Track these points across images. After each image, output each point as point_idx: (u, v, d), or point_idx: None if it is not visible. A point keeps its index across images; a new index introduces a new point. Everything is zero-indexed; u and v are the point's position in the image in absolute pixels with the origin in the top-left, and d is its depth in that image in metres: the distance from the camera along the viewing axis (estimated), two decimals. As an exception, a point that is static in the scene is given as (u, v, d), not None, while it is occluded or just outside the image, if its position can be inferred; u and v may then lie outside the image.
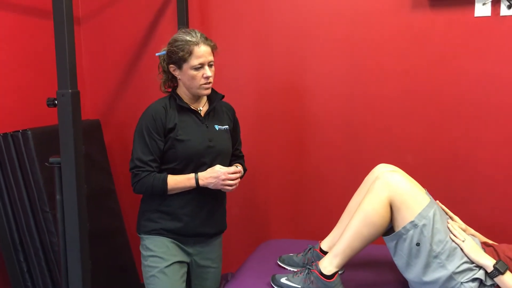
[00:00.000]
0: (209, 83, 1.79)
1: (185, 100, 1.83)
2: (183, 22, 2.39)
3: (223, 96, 1.92)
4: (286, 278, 1.73)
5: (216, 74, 1.84)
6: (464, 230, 1.71)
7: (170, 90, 1.88)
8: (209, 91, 1.81)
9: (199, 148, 1.79)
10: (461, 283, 1.55)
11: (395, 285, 1.77)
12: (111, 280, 2.45)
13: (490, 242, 1.75)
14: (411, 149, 2.31)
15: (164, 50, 1.84)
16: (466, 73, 2.21)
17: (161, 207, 1.81)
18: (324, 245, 1.88)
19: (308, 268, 1.73)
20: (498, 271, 1.52)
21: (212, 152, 1.82)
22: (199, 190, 1.78)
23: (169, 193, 1.77)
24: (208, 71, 1.76)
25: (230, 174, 1.75)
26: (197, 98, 1.86)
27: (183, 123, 1.79)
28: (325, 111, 2.41)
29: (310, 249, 1.92)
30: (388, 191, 1.62)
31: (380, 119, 2.34)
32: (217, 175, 1.74)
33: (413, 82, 2.28)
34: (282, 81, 2.45)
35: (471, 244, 1.59)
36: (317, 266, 1.71)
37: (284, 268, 1.92)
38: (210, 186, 1.76)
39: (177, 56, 1.75)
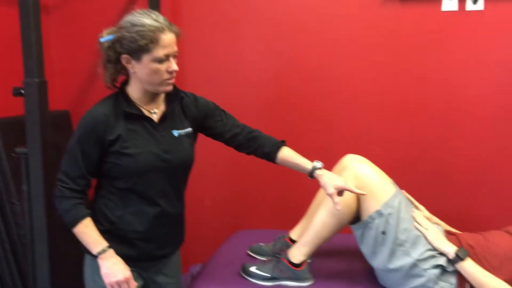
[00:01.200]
0: (174, 77, 1.49)
1: (136, 101, 1.50)
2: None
3: (182, 97, 1.59)
4: (256, 267, 1.75)
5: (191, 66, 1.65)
6: (428, 219, 1.76)
7: (118, 85, 1.54)
8: (171, 88, 1.50)
9: (152, 163, 1.47)
10: (425, 269, 1.60)
11: (362, 273, 1.81)
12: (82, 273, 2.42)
13: (453, 230, 1.81)
14: (380, 141, 2.36)
15: (110, 35, 1.46)
16: (433, 67, 2.26)
17: (112, 229, 1.51)
18: (294, 234, 1.91)
19: (277, 257, 1.76)
20: (459, 258, 1.58)
21: (169, 167, 1.51)
22: (156, 212, 1.52)
23: (74, 234, 1.47)
24: (174, 64, 1.45)
25: None
26: (153, 97, 1.52)
27: (131, 132, 1.47)
28: (296, 102, 2.43)
29: (279, 238, 1.94)
30: (355, 181, 1.65)
31: (349, 111, 2.38)
32: (115, 279, 1.43)
33: (382, 75, 2.32)
34: (257, 70, 2.45)
35: (434, 233, 1.64)
36: (286, 255, 1.74)
37: (254, 257, 1.94)
38: (102, 275, 1.45)
39: (136, 45, 1.40)
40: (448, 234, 1.73)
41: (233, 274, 1.79)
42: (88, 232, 1.46)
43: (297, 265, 1.71)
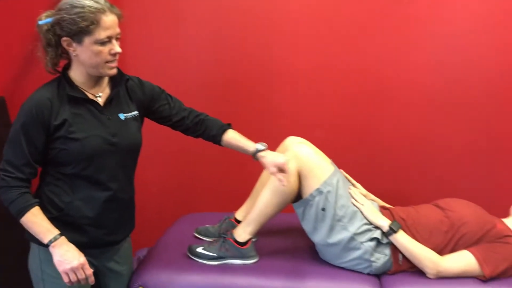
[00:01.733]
0: (116, 60, 1.47)
1: (79, 85, 1.47)
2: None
3: (127, 79, 1.59)
4: (202, 247, 1.80)
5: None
6: (365, 196, 1.87)
7: (60, 70, 1.51)
8: (115, 71, 1.48)
9: (99, 147, 1.47)
10: (361, 242, 1.70)
11: (304, 249, 1.89)
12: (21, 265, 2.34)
13: (387, 205, 1.93)
14: (321, 125, 2.46)
15: (49, 18, 1.43)
16: (366, 52, 2.37)
17: (61, 216, 1.49)
18: (239, 215, 1.97)
19: (223, 237, 1.81)
20: (392, 230, 1.70)
21: (117, 150, 1.50)
22: (106, 197, 1.51)
23: (22, 224, 1.44)
24: (117, 46, 1.43)
25: (83, 277, 1.41)
26: (97, 80, 1.50)
27: (76, 117, 1.45)
28: (240, 87, 2.47)
29: (225, 219, 1.99)
30: (296, 162, 1.73)
31: (291, 96, 2.46)
32: (70, 266, 1.40)
33: (320, 60, 2.40)
34: (199, 52, 2.47)
35: (369, 208, 1.75)
36: (231, 234, 1.80)
37: (201, 239, 1.98)
38: (55, 261, 1.41)
39: (77, 27, 1.37)
40: (382, 209, 1.85)
41: (180, 256, 1.82)
42: (37, 221, 1.43)
43: (242, 244, 1.77)
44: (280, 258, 1.82)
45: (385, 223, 1.71)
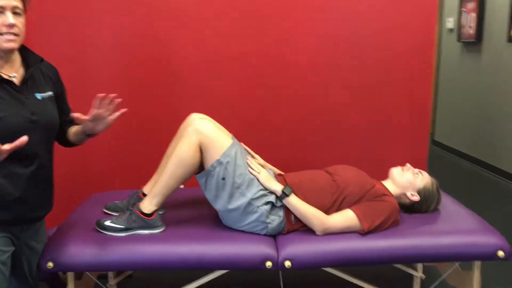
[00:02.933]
0: (14, 34, 1.49)
1: None
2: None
3: (42, 59, 1.66)
4: (111, 221, 1.88)
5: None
6: (262, 165, 2.04)
7: None
8: (14, 44, 1.50)
9: (20, 125, 1.52)
10: (258, 206, 1.87)
11: (208, 217, 2.03)
12: None
13: (283, 173, 2.13)
14: (227, 103, 2.61)
15: None
16: (269, 34, 2.56)
17: None
18: (146, 189, 2.06)
19: (130, 210, 1.90)
20: (285, 194, 1.88)
21: (37, 127, 1.57)
22: (29, 173, 1.58)
23: None
24: (10, 18, 1.45)
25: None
26: (4, 58, 1.54)
27: None
28: (143, 68, 2.56)
29: (133, 194, 2.08)
30: (197, 136, 1.85)
31: (199, 76, 2.59)
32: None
33: (226, 42, 2.56)
34: (111, 35, 2.53)
35: (265, 175, 1.92)
36: (138, 206, 1.89)
37: (110, 214, 2.06)
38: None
39: None
40: (278, 176, 2.04)
41: (89, 230, 1.89)
42: None
43: (148, 215, 1.87)
44: (186, 227, 1.95)
45: (278, 188, 1.90)
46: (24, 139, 1.40)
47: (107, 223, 1.87)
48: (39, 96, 1.61)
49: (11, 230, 1.61)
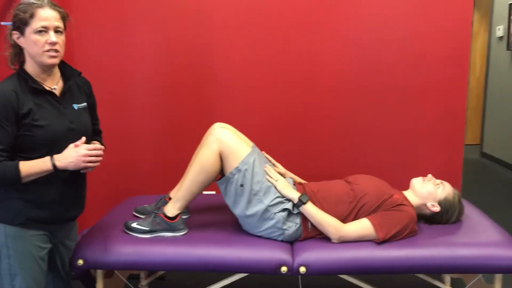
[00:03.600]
0: (56, 51, 1.64)
1: (35, 78, 1.68)
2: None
3: (80, 73, 1.82)
4: (137, 223, 2.00)
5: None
6: (283, 174, 2.11)
7: (17, 67, 1.71)
8: (55, 60, 1.66)
9: (61, 133, 1.69)
10: (274, 213, 1.93)
11: (229, 222, 2.12)
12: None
13: (303, 181, 2.17)
14: (256, 112, 2.69)
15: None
16: (297, 42, 2.62)
17: (25, 195, 1.68)
18: (172, 194, 2.17)
19: (155, 213, 2.02)
20: (301, 201, 1.93)
21: (74, 135, 1.72)
22: (66, 176, 1.72)
23: (24, 180, 1.62)
24: (53, 36, 1.61)
25: (90, 150, 1.67)
26: (47, 72, 1.70)
27: (39, 106, 1.66)
28: (177, 79, 2.68)
29: (161, 199, 2.20)
30: (218, 144, 1.95)
31: (227, 86, 2.68)
32: (76, 153, 1.64)
33: (254, 55, 2.64)
34: (145, 58, 2.67)
35: (282, 183, 1.98)
36: (162, 210, 2.01)
37: (139, 217, 2.19)
38: (71, 167, 1.65)
39: (18, 19, 1.61)
40: (298, 184, 2.09)
41: (117, 232, 2.02)
42: (30, 164, 1.62)
43: (171, 218, 1.98)
44: (207, 231, 2.04)
45: (295, 195, 1.95)
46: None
47: (134, 225, 1.99)
48: (75, 106, 1.79)
49: (49, 228, 1.78)
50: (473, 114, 6.37)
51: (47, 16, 1.62)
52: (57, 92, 1.74)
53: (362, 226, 1.91)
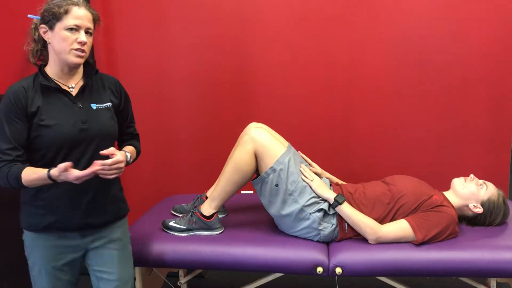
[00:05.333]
0: (83, 51, 1.59)
1: (54, 77, 1.62)
2: None
3: (97, 71, 1.71)
4: (174, 221, 2.04)
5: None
6: (319, 174, 2.09)
7: (39, 62, 1.66)
8: (81, 60, 1.59)
9: (70, 133, 1.58)
10: (310, 213, 1.92)
11: (265, 222, 2.13)
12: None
13: (341, 182, 2.15)
14: (295, 111, 2.68)
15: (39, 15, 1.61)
16: (337, 43, 2.58)
17: (37, 200, 1.62)
18: (209, 193, 2.20)
19: (192, 212, 2.05)
20: (337, 202, 1.91)
21: (87, 136, 1.61)
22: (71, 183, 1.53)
23: (28, 186, 1.54)
24: (83, 36, 1.57)
25: (104, 165, 1.49)
26: (69, 71, 1.64)
27: (49, 105, 1.58)
28: (216, 79, 2.71)
29: (198, 198, 2.23)
30: (252, 144, 1.95)
31: (268, 86, 2.68)
32: (65, 177, 1.47)
33: (295, 52, 2.62)
34: (184, 57, 2.72)
35: (317, 183, 1.97)
36: (199, 209, 2.04)
37: (176, 215, 2.23)
38: (70, 180, 1.49)
39: (51, 13, 1.56)
40: (335, 185, 2.07)
41: (156, 230, 2.07)
42: (34, 170, 1.52)
43: (208, 217, 2.00)
44: (243, 230, 2.05)
45: (331, 195, 1.93)
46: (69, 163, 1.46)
47: (171, 223, 2.03)
48: (94, 106, 1.66)
49: (66, 236, 1.66)
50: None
51: (81, 15, 1.58)
52: (74, 90, 1.65)
53: (400, 227, 1.86)
